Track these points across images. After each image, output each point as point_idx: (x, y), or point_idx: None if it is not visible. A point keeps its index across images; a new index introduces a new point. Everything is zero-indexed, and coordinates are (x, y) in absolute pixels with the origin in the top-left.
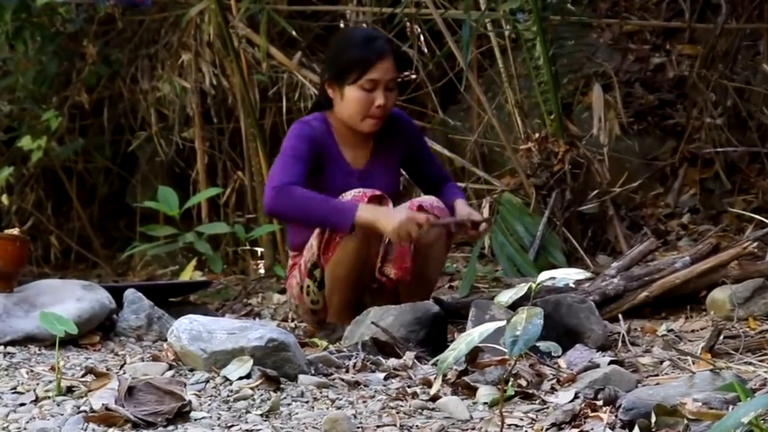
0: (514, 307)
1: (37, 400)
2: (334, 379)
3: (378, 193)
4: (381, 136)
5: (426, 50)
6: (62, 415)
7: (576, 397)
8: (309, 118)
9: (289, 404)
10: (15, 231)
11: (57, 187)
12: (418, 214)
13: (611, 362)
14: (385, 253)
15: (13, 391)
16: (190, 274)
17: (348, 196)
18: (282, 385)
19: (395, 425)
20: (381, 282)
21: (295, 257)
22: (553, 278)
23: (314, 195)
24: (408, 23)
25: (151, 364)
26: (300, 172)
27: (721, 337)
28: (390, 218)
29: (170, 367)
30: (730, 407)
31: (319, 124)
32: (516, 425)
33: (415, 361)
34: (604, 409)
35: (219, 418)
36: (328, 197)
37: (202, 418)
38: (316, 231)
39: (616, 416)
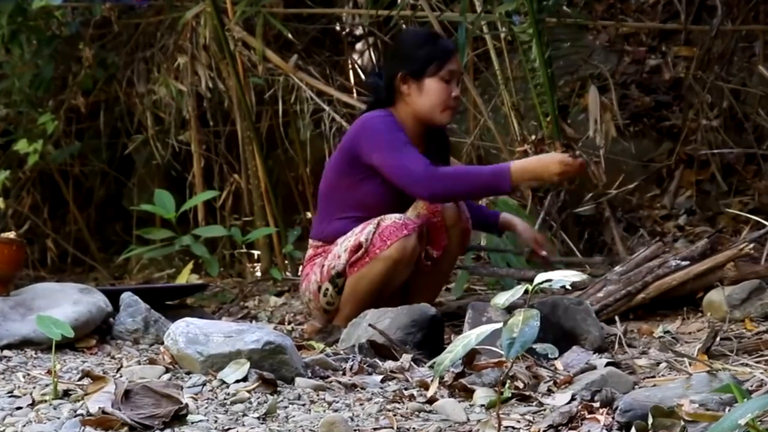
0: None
1: (33, 404)
2: (331, 382)
3: (417, 225)
4: (430, 141)
5: None
6: (59, 418)
7: (573, 398)
8: (380, 113)
9: (286, 407)
10: (11, 234)
11: (53, 190)
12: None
13: (608, 364)
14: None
15: (9, 394)
16: (186, 277)
17: (388, 221)
18: (279, 388)
19: (392, 428)
20: (426, 265)
21: (317, 248)
22: (550, 280)
23: (459, 169)
24: (404, 25)
25: (148, 367)
26: (420, 154)
27: (718, 339)
28: (546, 168)
29: (167, 371)
30: (727, 409)
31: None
32: (513, 427)
33: (412, 363)
34: (601, 410)
35: (216, 421)
36: (470, 166)
37: (199, 421)
38: (349, 244)
39: (613, 418)
